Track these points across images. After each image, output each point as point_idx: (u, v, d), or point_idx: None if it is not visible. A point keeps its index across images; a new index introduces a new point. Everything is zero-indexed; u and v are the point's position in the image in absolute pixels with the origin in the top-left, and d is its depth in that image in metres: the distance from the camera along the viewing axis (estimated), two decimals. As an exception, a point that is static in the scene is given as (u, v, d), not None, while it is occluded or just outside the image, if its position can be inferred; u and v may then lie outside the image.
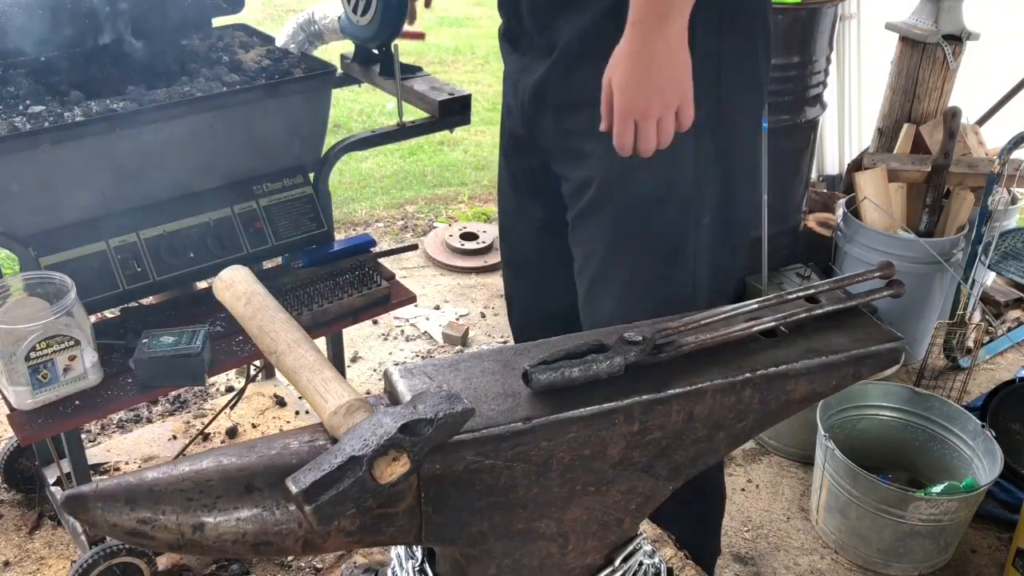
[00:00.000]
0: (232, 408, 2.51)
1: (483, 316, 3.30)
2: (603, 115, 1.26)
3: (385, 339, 3.14)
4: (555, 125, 1.47)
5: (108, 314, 2.06)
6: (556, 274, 1.64)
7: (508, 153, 1.66)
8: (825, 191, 3.67)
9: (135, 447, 2.40)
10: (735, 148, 1.41)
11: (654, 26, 1.16)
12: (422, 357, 3.05)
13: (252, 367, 2.50)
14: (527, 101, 1.48)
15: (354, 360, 3.02)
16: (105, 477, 1.63)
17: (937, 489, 2.19)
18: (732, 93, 1.36)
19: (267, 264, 2.21)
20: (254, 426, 2.48)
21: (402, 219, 4.06)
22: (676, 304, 1.43)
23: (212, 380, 2.76)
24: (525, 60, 1.48)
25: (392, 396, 0.83)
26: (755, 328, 0.91)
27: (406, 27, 2.00)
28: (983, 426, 2.26)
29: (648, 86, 1.19)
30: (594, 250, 1.50)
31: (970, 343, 2.93)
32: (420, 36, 2.03)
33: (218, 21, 2.20)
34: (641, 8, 1.16)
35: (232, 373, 2.82)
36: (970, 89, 3.28)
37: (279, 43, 2.23)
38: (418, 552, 0.96)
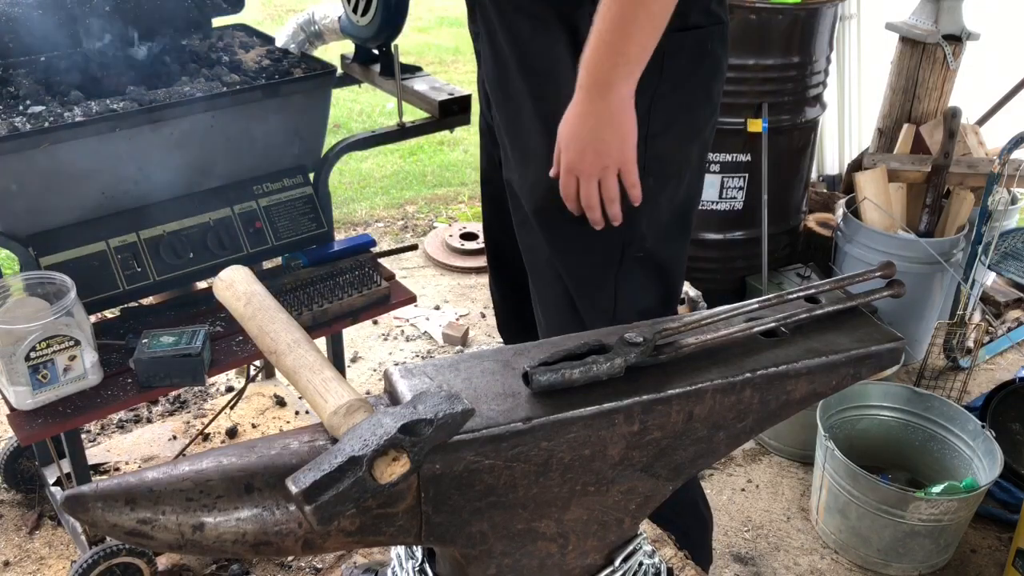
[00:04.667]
0: (232, 408, 2.51)
1: (483, 316, 3.30)
2: (554, 164, 1.33)
3: (385, 339, 3.14)
4: (504, 124, 1.49)
5: (108, 314, 2.06)
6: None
7: (485, 143, 1.69)
8: (825, 191, 3.67)
9: (135, 447, 2.40)
10: (663, 183, 1.41)
11: (599, 92, 1.22)
12: (422, 357, 3.05)
13: (252, 367, 2.50)
14: (481, 87, 1.53)
15: (354, 360, 3.02)
16: (105, 477, 1.63)
17: (937, 489, 2.19)
18: (663, 129, 1.37)
19: (267, 264, 2.21)
20: (254, 426, 2.48)
21: (402, 219, 4.06)
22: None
23: (212, 380, 2.76)
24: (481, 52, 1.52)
25: (392, 396, 0.83)
26: (755, 328, 0.91)
27: None
28: (983, 426, 2.26)
29: (588, 147, 1.26)
30: (530, 261, 1.53)
31: (970, 343, 2.93)
32: None
33: (218, 21, 2.20)
34: (588, 75, 1.22)
35: (232, 373, 2.82)
36: (970, 89, 3.28)
37: (279, 43, 2.24)
38: (418, 552, 0.96)
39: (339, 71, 2.13)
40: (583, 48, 1.24)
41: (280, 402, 2.57)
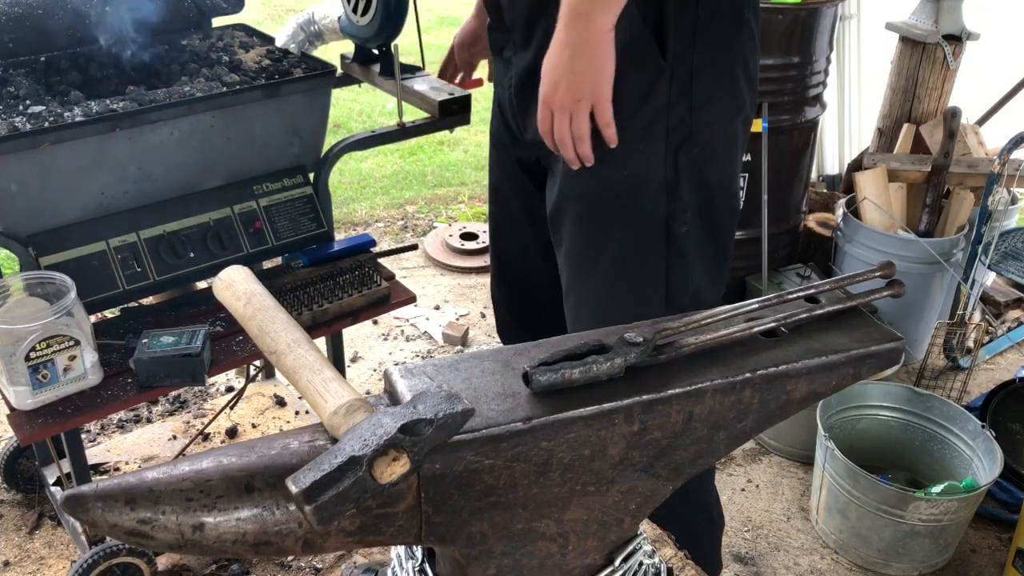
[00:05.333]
0: (232, 408, 2.51)
1: (483, 316, 3.30)
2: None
3: (385, 339, 3.14)
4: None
5: (108, 314, 2.06)
6: (543, 273, 1.63)
7: (502, 147, 1.67)
8: (825, 191, 3.67)
9: (135, 447, 2.40)
10: (712, 157, 1.39)
11: (575, 22, 1.20)
12: (422, 357, 3.05)
13: (252, 367, 2.50)
14: (513, 94, 1.49)
15: (354, 360, 3.02)
16: (105, 477, 1.63)
17: (937, 489, 2.19)
18: (707, 101, 1.34)
19: (267, 264, 2.21)
20: (254, 426, 2.48)
21: (402, 219, 4.06)
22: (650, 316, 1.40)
23: (212, 380, 2.76)
24: (508, 54, 1.50)
25: (392, 396, 0.83)
26: (755, 328, 0.91)
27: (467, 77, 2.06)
28: (983, 426, 2.26)
29: (562, 79, 1.24)
30: (567, 251, 1.48)
31: (970, 343, 2.93)
32: (479, 83, 2.10)
33: (218, 21, 2.20)
34: (565, 5, 1.20)
35: (232, 373, 2.82)
36: (970, 89, 3.28)
37: (279, 43, 2.23)
38: (418, 552, 0.96)
39: (339, 71, 2.13)
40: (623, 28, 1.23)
41: (280, 402, 2.57)
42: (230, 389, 2.78)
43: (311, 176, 2.08)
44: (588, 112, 1.26)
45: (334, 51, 2.32)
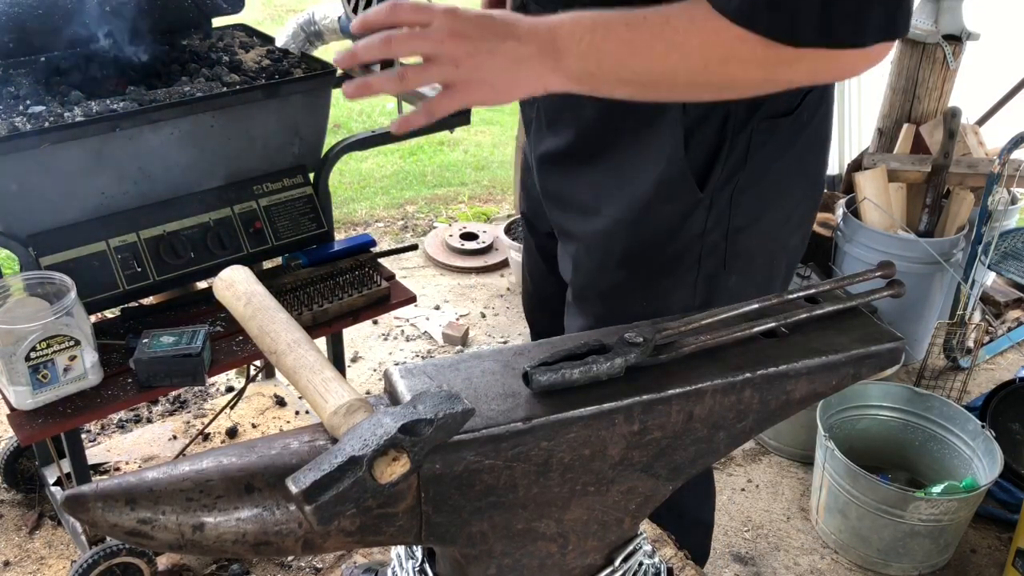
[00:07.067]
0: (232, 408, 2.51)
1: (483, 316, 3.30)
2: (433, 14, 0.97)
3: (385, 339, 3.14)
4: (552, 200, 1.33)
5: (108, 314, 2.06)
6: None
7: (531, 227, 1.55)
8: (825, 191, 3.66)
9: (135, 447, 2.40)
10: (749, 278, 1.25)
11: (546, 52, 0.94)
12: (422, 357, 3.05)
13: (252, 367, 2.50)
14: (536, 179, 1.37)
15: (354, 360, 3.02)
16: (105, 477, 1.63)
17: (937, 489, 2.19)
18: (749, 222, 1.20)
19: (267, 264, 2.21)
20: (254, 426, 2.48)
21: (402, 219, 4.06)
22: None
23: (212, 380, 2.76)
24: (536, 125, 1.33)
25: (392, 396, 0.83)
26: (755, 328, 0.91)
27: None
28: (983, 426, 2.26)
29: (480, 51, 0.94)
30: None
31: (970, 343, 2.93)
32: None
33: (218, 21, 2.20)
34: (556, 35, 0.94)
35: (232, 373, 2.82)
36: (970, 89, 3.28)
37: (279, 43, 2.23)
38: (418, 552, 0.96)
39: (339, 71, 2.13)
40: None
41: (280, 402, 2.57)
42: (230, 389, 2.78)
43: (311, 176, 2.09)
44: (437, 80, 0.98)
45: (334, 51, 2.32)
